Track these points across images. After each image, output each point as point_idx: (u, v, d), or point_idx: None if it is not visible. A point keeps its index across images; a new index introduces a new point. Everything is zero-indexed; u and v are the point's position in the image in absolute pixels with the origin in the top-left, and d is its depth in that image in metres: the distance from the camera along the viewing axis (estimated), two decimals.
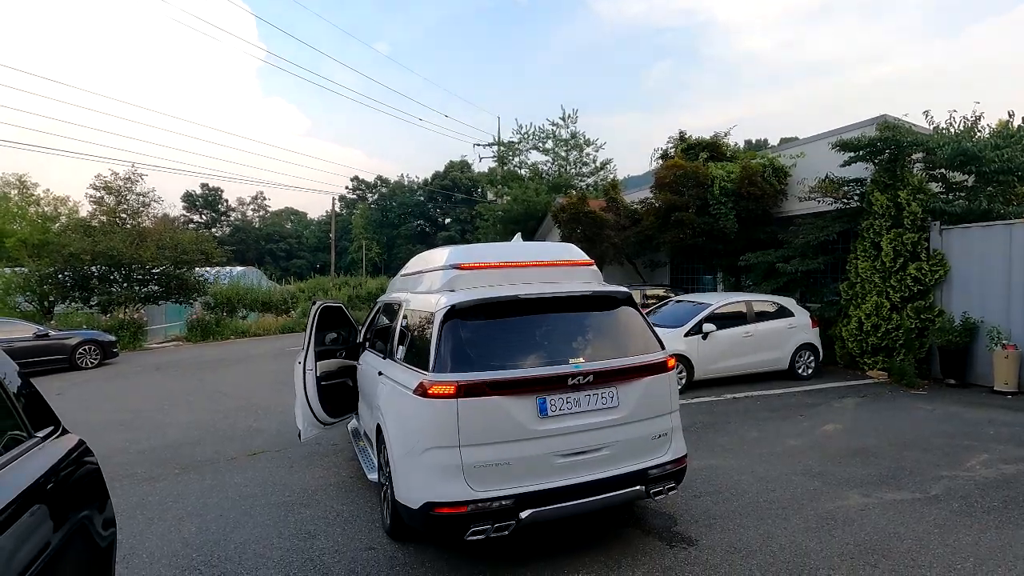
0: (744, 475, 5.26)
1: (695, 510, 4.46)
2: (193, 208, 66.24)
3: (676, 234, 13.42)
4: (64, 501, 2.04)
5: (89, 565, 2.21)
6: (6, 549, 1.59)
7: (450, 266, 4.08)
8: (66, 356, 13.65)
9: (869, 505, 4.48)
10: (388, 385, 4.19)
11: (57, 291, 19.04)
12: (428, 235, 62.02)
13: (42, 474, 1.92)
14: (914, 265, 9.75)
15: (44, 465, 1.98)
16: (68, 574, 1.99)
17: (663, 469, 3.76)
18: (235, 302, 22.67)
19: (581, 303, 3.95)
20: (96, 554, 2.26)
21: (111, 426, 8.01)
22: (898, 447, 6.01)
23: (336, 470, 5.80)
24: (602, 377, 3.58)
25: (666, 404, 3.89)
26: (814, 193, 10.96)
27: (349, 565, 3.76)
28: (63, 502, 2.02)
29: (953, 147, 9.46)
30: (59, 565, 1.87)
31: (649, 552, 3.79)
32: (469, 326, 3.65)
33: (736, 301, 9.86)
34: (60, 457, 2.11)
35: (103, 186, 20.69)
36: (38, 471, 1.91)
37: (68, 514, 2.04)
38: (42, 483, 1.89)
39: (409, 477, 3.56)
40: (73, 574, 2.06)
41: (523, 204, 22.67)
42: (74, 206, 23.95)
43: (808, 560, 3.63)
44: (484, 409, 3.36)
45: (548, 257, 4.35)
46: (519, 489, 3.36)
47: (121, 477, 5.73)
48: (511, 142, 28.74)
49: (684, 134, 15.41)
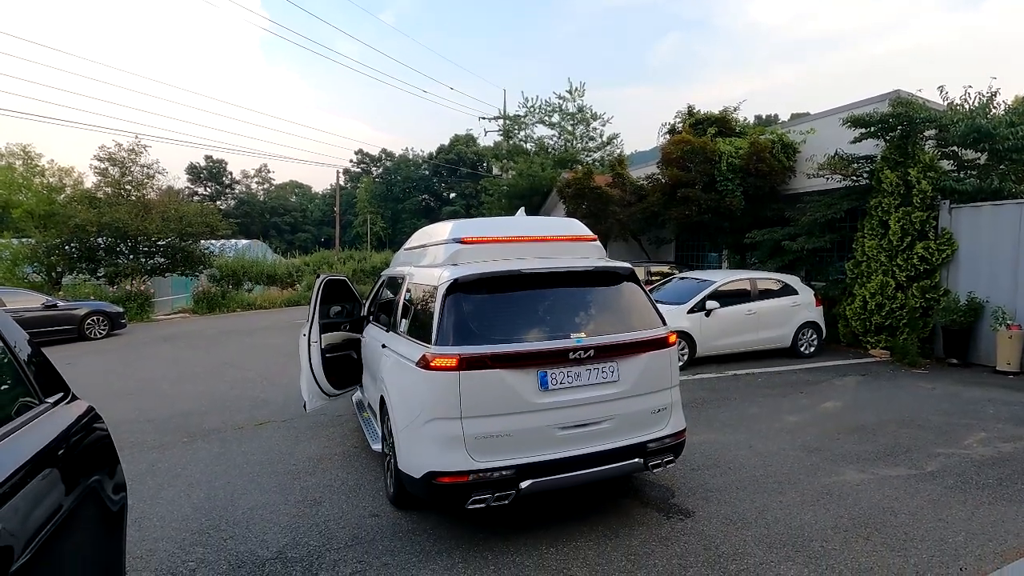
0: (742, 450, 5.33)
1: (693, 483, 4.53)
2: (197, 180, 66.02)
3: (682, 211, 13.32)
4: (75, 466, 2.09)
5: (101, 529, 2.28)
6: (19, 512, 1.64)
7: (453, 240, 4.08)
8: (75, 327, 13.81)
9: (865, 480, 4.55)
10: (392, 358, 4.24)
11: (64, 262, 19.16)
12: (432, 210, 61.76)
13: (52, 439, 1.96)
14: (921, 244, 9.67)
15: (54, 430, 2.02)
16: (80, 537, 2.06)
17: (662, 443, 3.81)
18: (240, 275, 22.77)
19: (584, 278, 3.95)
20: (108, 518, 2.33)
21: (121, 395, 8.15)
22: (897, 424, 6.06)
23: (341, 440, 5.91)
24: (603, 351, 3.61)
25: (666, 379, 3.92)
26: (823, 170, 10.81)
27: (353, 531, 3.87)
28: (74, 467, 2.08)
29: (967, 124, 9.28)
30: (71, 528, 1.93)
31: (646, 522, 3.87)
32: (471, 300, 3.67)
33: (740, 279, 9.84)
34: (70, 423, 2.16)
35: (107, 157, 20.63)
36: (48, 436, 1.96)
37: (79, 478, 2.09)
38: (53, 448, 1.94)
39: (412, 447, 3.63)
40: (85, 537, 2.12)
41: (528, 179, 22.50)
42: (79, 177, 23.92)
43: (802, 532, 3.70)
44: (486, 382, 3.40)
45: (551, 232, 4.34)
46: (519, 460, 3.42)
47: (131, 445, 5.85)
48: (516, 116, 28.37)
49: (692, 109, 15.15)
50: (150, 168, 21.45)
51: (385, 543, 3.69)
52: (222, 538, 3.84)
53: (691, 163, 13.22)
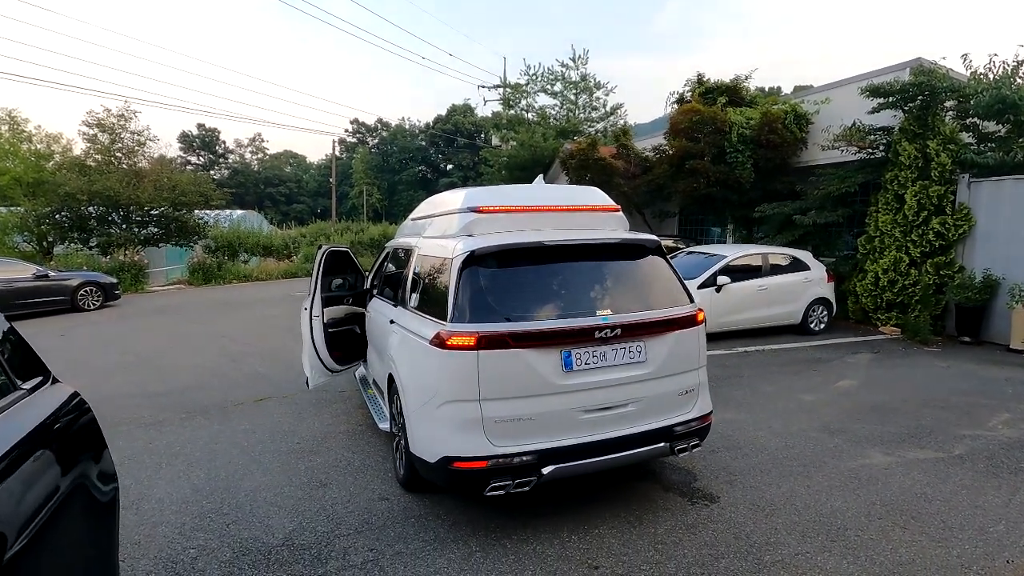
0: (761, 430, 5.15)
1: (714, 466, 4.36)
2: (190, 149, 64.73)
3: (690, 183, 12.97)
4: (58, 459, 1.85)
5: (91, 523, 2.06)
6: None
7: (468, 209, 3.79)
8: (67, 297, 13.48)
9: (892, 464, 4.38)
10: (400, 334, 4.00)
11: (55, 231, 18.70)
12: (430, 181, 60.88)
13: (29, 431, 1.72)
14: (938, 219, 9.41)
15: (32, 421, 1.78)
16: (68, 533, 1.84)
17: (688, 426, 3.61)
18: (236, 246, 22.36)
19: (609, 251, 3.69)
20: (97, 511, 2.11)
21: (116, 369, 7.92)
22: (916, 404, 5.89)
23: (345, 417, 5.71)
24: (630, 330, 3.37)
25: (694, 359, 3.70)
26: (839, 142, 10.46)
27: (363, 516, 3.68)
28: (57, 460, 1.84)
29: (992, 94, 8.93)
30: (58, 524, 1.71)
31: (671, 508, 3.70)
32: (489, 274, 3.40)
33: (752, 253, 9.59)
34: (51, 412, 1.91)
35: (96, 123, 19.97)
36: (25, 428, 1.72)
37: (63, 473, 1.86)
38: (30, 440, 1.70)
39: (425, 430, 3.41)
40: (74, 533, 1.91)
41: (530, 149, 21.96)
42: (67, 144, 23.20)
43: (835, 519, 3.53)
44: (506, 362, 3.17)
45: (573, 201, 4.06)
46: (541, 444, 3.21)
47: (127, 421, 5.64)
48: (518, 84, 27.59)
49: (702, 77, 14.65)
50: (140, 135, 20.79)
51: (397, 529, 3.50)
52: (224, 523, 3.64)
53: (700, 134, 12.83)
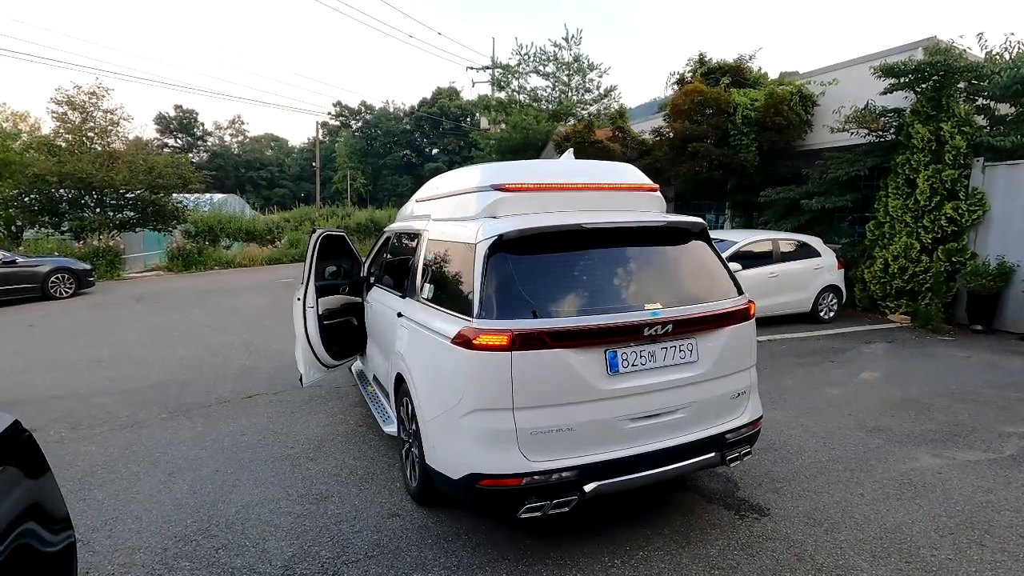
0: (795, 429, 4.81)
1: (755, 471, 4.00)
2: (167, 131, 62.60)
3: (691, 166, 12.55)
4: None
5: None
6: None
7: (490, 187, 3.31)
8: (37, 285, 12.72)
9: (944, 468, 4.05)
10: (412, 330, 3.53)
11: (24, 215, 17.75)
12: (415, 165, 59.72)
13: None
14: (951, 204, 9.12)
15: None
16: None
17: (739, 433, 3.22)
18: (217, 231, 21.51)
19: (652, 236, 3.24)
20: (48, 564, 1.64)
21: (89, 362, 7.33)
22: (948, 398, 5.60)
23: (342, 416, 5.25)
24: (681, 326, 2.95)
25: (746, 358, 3.30)
26: (850, 123, 10.10)
27: (373, 536, 3.24)
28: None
29: (1010, 74, 8.61)
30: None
31: (718, 523, 3.31)
32: (520, 262, 2.94)
33: (762, 239, 9.23)
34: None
35: (65, 100, 18.90)
36: None
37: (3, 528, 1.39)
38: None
39: (447, 441, 2.97)
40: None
41: (522, 132, 21.33)
42: (35, 123, 22.07)
43: (902, 536, 3.18)
44: (544, 364, 2.73)
45: (607, 179, 3.60)
46: (583, 459, 2.79)
47: (101, 422, 5.12)
48: (508, 65, 26.79)
49: (704, 56, 14.17)
50: (113, 114, 19.75)
51: (413, 553, 3.07)
52: (213, 547, 3.18)
53: (703, 115, 12.39)
